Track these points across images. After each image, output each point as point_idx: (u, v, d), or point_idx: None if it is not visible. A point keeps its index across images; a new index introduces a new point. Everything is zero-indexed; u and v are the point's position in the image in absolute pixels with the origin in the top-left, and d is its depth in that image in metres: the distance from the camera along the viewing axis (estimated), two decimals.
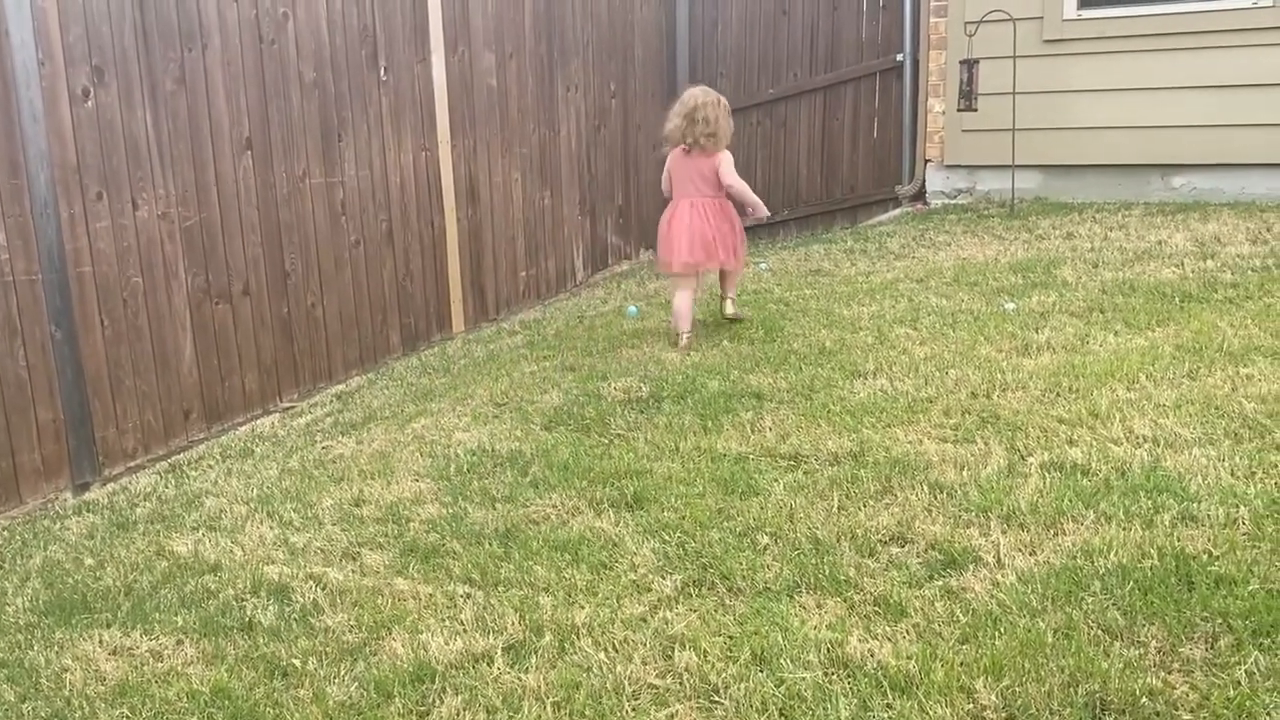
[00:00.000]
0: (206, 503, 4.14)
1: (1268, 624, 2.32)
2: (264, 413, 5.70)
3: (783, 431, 3.79)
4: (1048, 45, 7.42)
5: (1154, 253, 5.70)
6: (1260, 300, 4.62)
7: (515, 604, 2.86)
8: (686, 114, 5.07)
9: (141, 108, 5.00)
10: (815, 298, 5.70)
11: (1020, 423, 3.56)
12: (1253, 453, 3.14)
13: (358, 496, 3.80)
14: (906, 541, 2.93)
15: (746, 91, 9.07)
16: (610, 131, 8.54)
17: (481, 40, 7.09)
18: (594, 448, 3.89)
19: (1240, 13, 6.88)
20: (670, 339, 5.22)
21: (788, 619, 2.62)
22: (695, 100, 5.08)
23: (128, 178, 4.97)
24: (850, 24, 8.52)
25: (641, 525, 3.22)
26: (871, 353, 4.51)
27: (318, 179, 5.96)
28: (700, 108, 5.04)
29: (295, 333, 5.90)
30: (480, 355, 6.04)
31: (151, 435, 5.19)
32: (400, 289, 6.61)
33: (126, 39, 4.91)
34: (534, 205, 7.74)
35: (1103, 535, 2.78)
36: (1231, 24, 6.90)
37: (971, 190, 8.01)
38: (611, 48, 8.46)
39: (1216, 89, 7.00)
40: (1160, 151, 7.24)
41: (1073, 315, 4.72)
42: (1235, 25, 6.89)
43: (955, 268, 5.92)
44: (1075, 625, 2.43)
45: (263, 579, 3.27)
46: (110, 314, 4.94)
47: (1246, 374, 3.73)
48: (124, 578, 3.53)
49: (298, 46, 5.77)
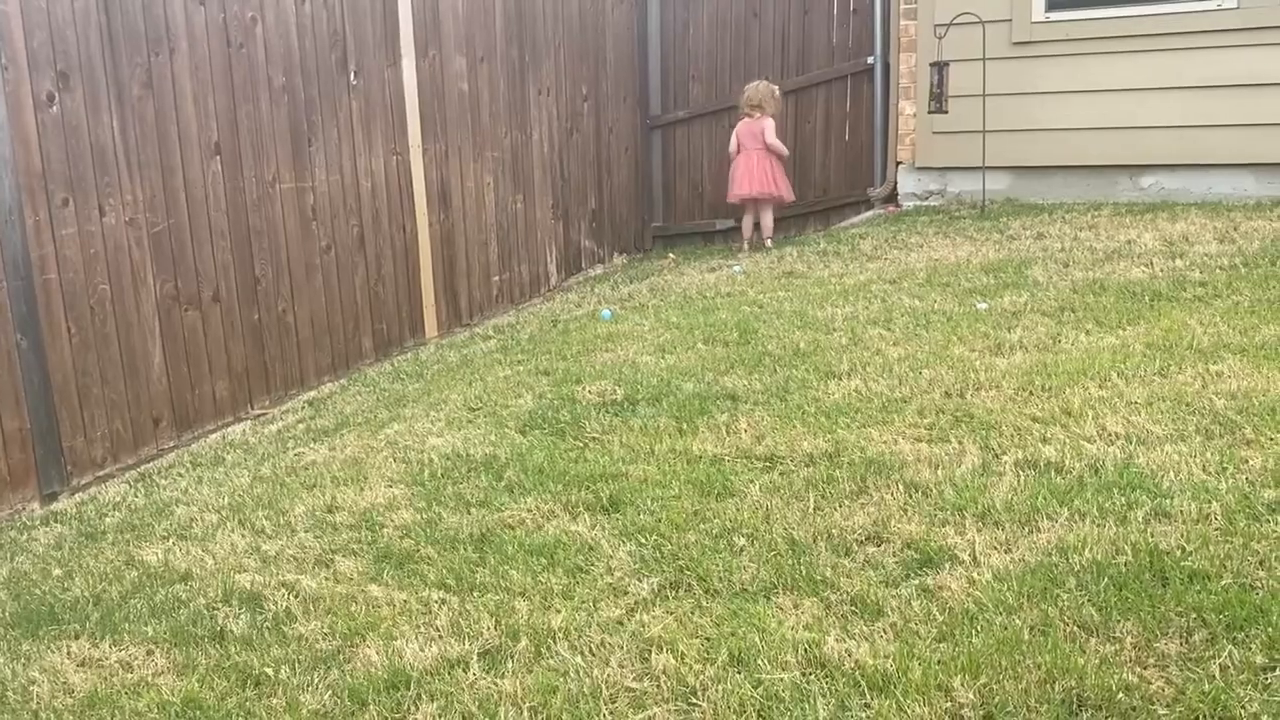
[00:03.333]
0: (177, 511, 4.09)
1: (1240, 618, 2.33)
2: (235, 420, 5.65)
3: (758, 433, 3.78)
4: (1017, 47, 7.47)
5: (1124, 252, 5.75)
6: (1228, 298, 4.67)
7: (491, 609, 2.84)
8: (745, 97, 7.98)
9: (108, 113, 4.94)
10: (789, 299, 5.70)
11: (994, 421, 3.57)
12: (1223, 448, 3.16)
13: (330, 503, 3.76)
14: (883, 541, 2.93)
15: (719, 95, 9.08)
16: (583, 135, 8.53)
17: (452, 44, 7.06)
18: (569, 451, 3.88)
19: (1205, 15, 6.96)
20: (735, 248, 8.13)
21: (765, 620, 2.61)
22: (749, 87, 8.02)
23: (94, 184, 4.91)
24: (821, 27, 8.55)
25: (617, 528, 3.21)
26: (846, 354, 4.52)
27: (288, 184, 5.92)
28: (751, 91, 7.95)
29: (266, 339, 5.85)
30: (454, 360, 6.01)
31: (120, 444, 5.12)
32: (372, 294, 6.57)
33: (92, 44, 4.85)
34: (507, 209, 7.72)
35: (1077, 532, 2.79)
36: (1197, 26, 6.97)
37: (943, 192, 8.05)
38: (583, 51, 8.45)
39: (1183, 90, 7.07)
40: (1129, 152, 7.30)
41: (1044, 315, 4.75)
42: (1201, 27, 6.96)
43: (928, 269, 5.95)
44: (1051, 622, 2.43)
45: (234, 587, 3.23)
46: (77, 322, 4.88)
47: (1216, 371, 3.76)
48: (93, 588, 3.48)
49: (266, 51, 5.73)
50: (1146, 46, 7.13)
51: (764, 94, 7.89)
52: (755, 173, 7.90)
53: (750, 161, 7.92)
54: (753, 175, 7.91)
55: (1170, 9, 7.06)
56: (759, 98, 7.88)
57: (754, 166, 7.91)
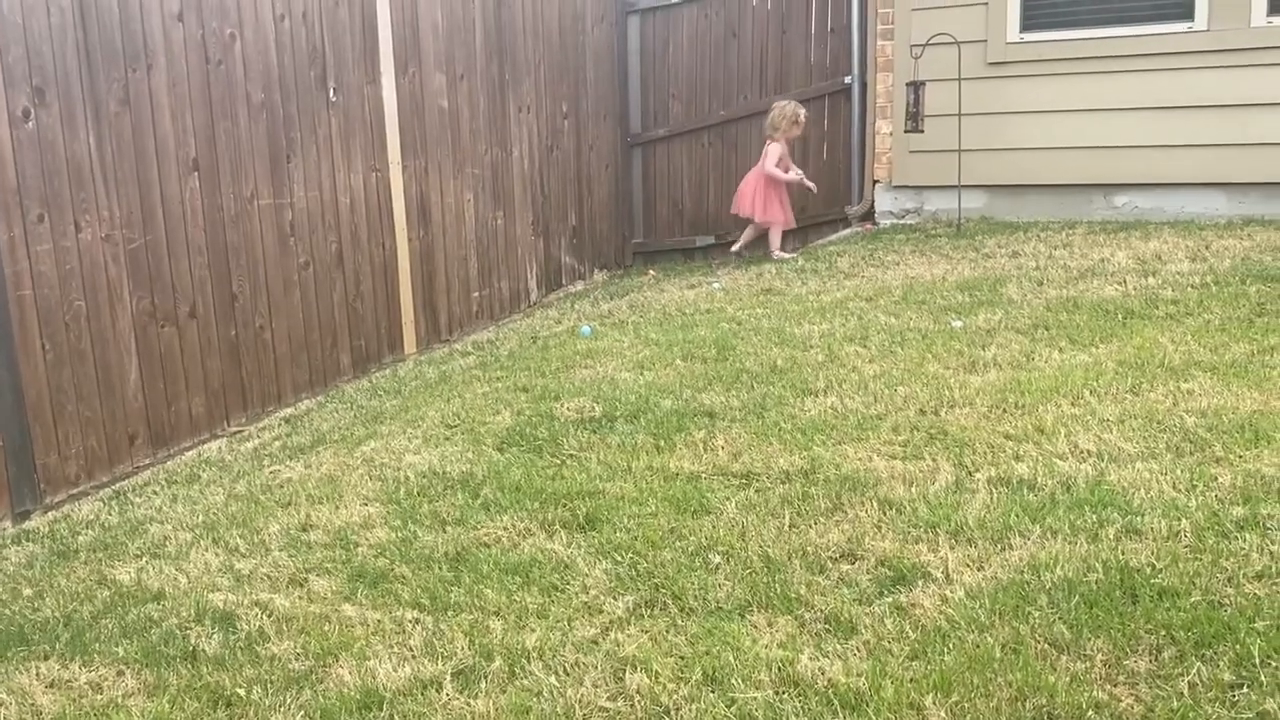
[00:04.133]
0: (150, 530, 4.06)
1: (1209, 635, 2.36)
2: (211, 437, 5.62)
3: (735, 450, 3.80)
4: (992, 68, 7.55)
5: (1097, 270, 5.80)
6: (1200, 316, 4.72)
7: (465, 628, 2.84)
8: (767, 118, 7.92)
9: (85, 129, 4.93)
10: (767, 316, 5.73)
11: (968, 439, 3.60)
12: (1193, 466, 3.20)
13: (305, 521, 3.74)
14: (857, 558, 2.94)
15: (698, 113, 9.13)
16: (563, 152, 8.56)
17: (432, 61, 7.08)
18: (546, 468, 3.88)
19: (1177, 36, 7.05)
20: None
21: (739, 638, 2.62)
22: (773, 107, 7.89)
23: (70, 200, 4.88)
24: (799, 47, 8.62)
25: (593, 546, 3.21)
26: (822, 370, 4.54)
27: (266, 200, 5.91)
28: (773, 112, 7.85)
29: (243, 355, 5.83)
30: (432, 376, 6.00)
31: (95, 461, 5.08)
32: (351, 310, 6.55)
33: (69, 59, 4.84)
34: (487, 226, 7.73)
35: (1049, 550, 2.81)
36: (1168, 47, 7.07)
37: (919, 210, 8.11)
38: (563, 69, 8.48)
39: (1155, 110, 7.16)
40: (1102, 171, 7.39)
41: (1018, 332, 4.79)
42: (1172, 49, 7.06)
43: (904, 286, 5.99)
44: (1023, 640, 2.45)
45: (207, 607, 3.21)
46: (52, 338, 4.85)
47: (1187, 389, 3.80)
48: (63, 608, 3.45)
49: (245, 67, 5.72)
50: (1120, 67, 7.22)
51: (776, 117, 7.82)
52: (746, 194, 8.00)
53: (748, 182, 8.03)
54: (744, 197, 8.02)
55: (1143, 30, 7.15)
56: (773, 121, 7.85)
57: (747, 188, 8.00)
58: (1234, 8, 6.87)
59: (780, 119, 7.79)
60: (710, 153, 9.17)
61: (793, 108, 7.83)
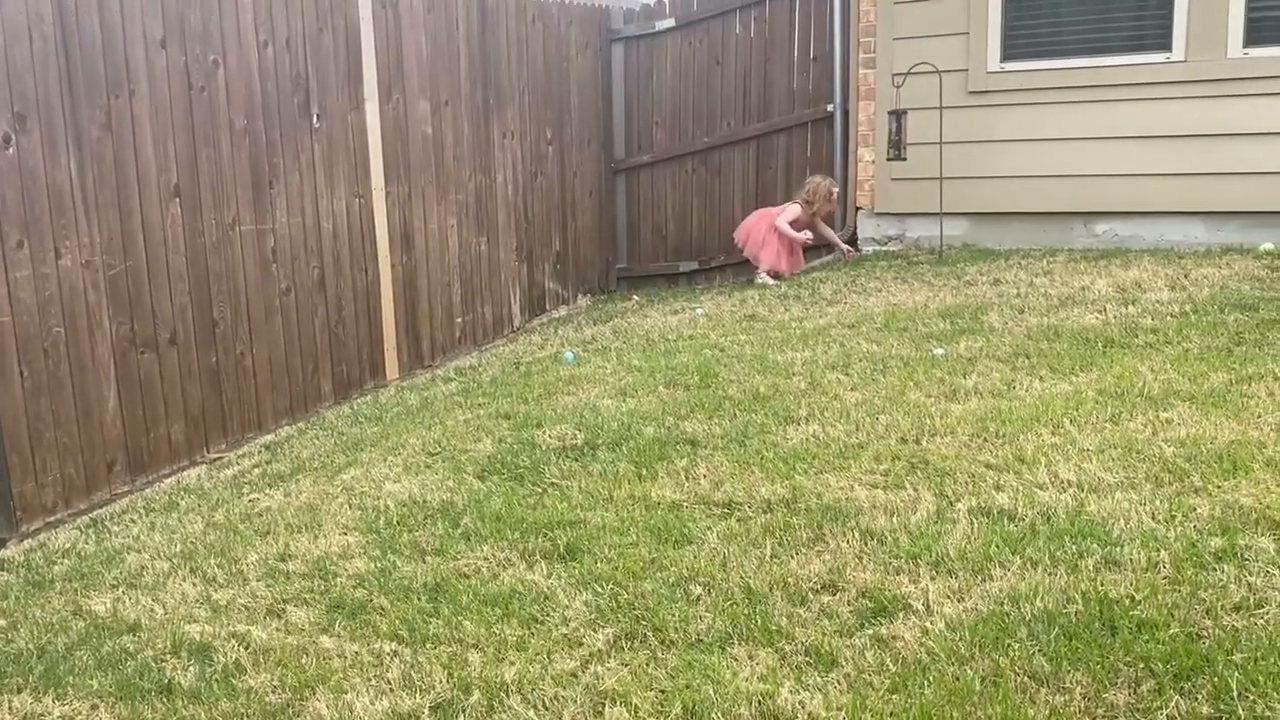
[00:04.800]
0: (128, 559, 4.02)
1: (1188, 668, 2.36)
2: (191, 464, 5.57)
3: (717, 479, 3.79)
4: (973, 96, 7.62)
5: (1077, 299, 5.84)
6: (1179, 345, 4.75)
7: (443, 661, 2.81)
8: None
9: (66, 155, 4.91)
10: (750, 343, 5.74)
11: (949, 468, 3.60)
12: (1172, 496, 3.21)
13: (284, 551, 3.71)
14: (838, 590, 2.94)
15: (682, 140, 9.18)
16: (547, 178, 8.58)
17: (416, 88, 7.09)
18: (527, 497, 3.86)
19: (1155, 67, 7.14)
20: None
21: (720, 671, 2.60)
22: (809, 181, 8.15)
23: (50, 226, 4.86)
24: (782, 75, 8.68)
25: (574, 577, 3.19)
26: (804, 398, 4.55)
27: (248, 226, 5.89)
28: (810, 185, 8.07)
29: (223, 382, 5.79)
30: (414, 403, 5.98)
31: (72, 489, 5.03)
32: (333, 336, 6.53)
33: (51, 86, 4.83)
34: (470, 251, 7.73)
35: (1029, 581, 2.81)
36: (1147, 78, 7.15)
37: (901, 237, 8.16)
38: (548, 95, 8.51)
39: (1134, 139, 7.24)
40: (1083, 199, 7.45)
41: (999, 360, 4.81)
42: (1151, 79, 7.14)
43: (886, 314, 6.02)
44: (1003, 672, 2.45)
45: (184, 638, 3.18)
46: (30, 365, 4.81)
47: (1166, 418, 3.82)
48: (38, 639, 3.41)
49: (228, 94, 5.72)
50: (1098, 97, 7.30)
51: (811, 192, 7.99)
52: (753, 230, 8.15)
53: (757, 222, 8.17)
54: (749, 230, 8.18)
55: (1121, 61, 7.24)
56: (807, 195, 8.01)
57: (755, 223, 8.17)
58: (1211, 39, 6.97)
59: (815, 195, 7.97)
60: (694, 179, 9.22)
61: (827, 185, 7.99)
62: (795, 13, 8.56)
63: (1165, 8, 7.10)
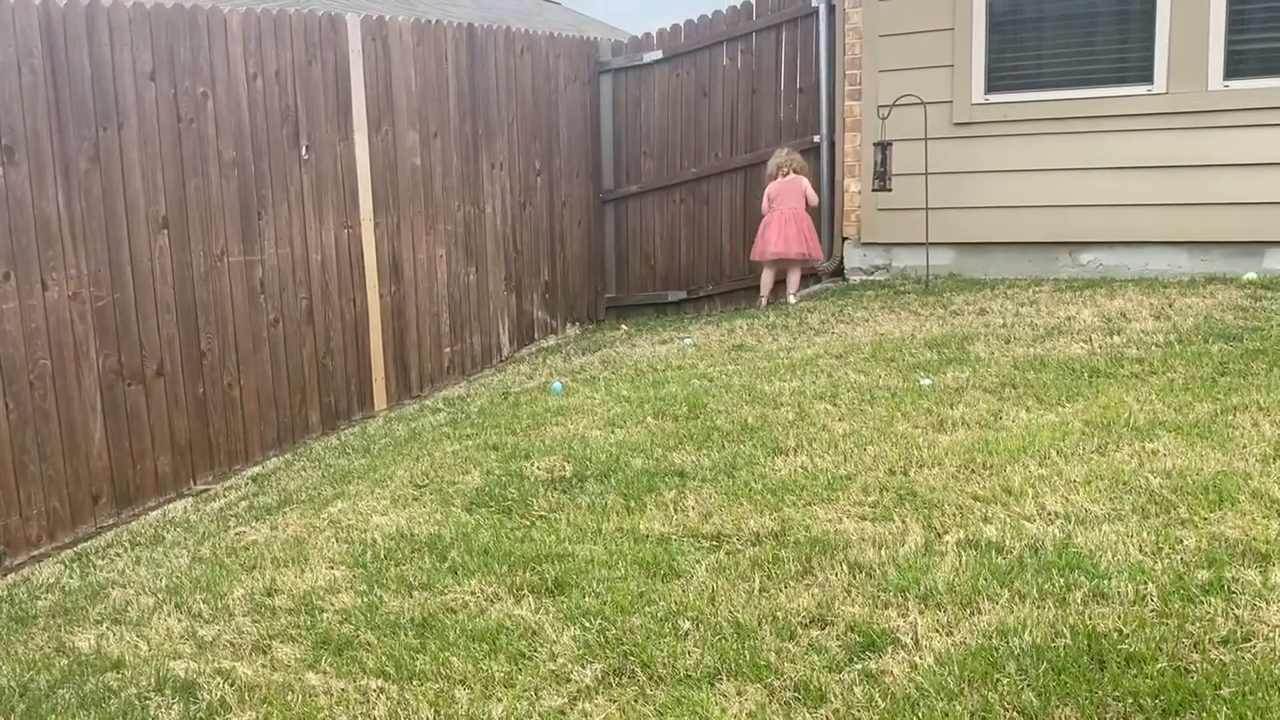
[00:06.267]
0: (112, 594, 3.99)
1: (1175, 703, 2.36)
2: (177, 496, 5.55)
3: (705, 511, 3.79)
4: (958, 128, 7.69)
5: (1064, 329, 5.87)
6: (1164, 375, 4.78)
7: (430, 698, 2.79)
8: (775, 164, 8.14)
9: (54, 186, 4.92)
10: (738, 373, 5.75)
11: (937, 500, 3.61)
12: (1159, 528, 3.21)
13: (270, 586, 3.69)
14: (826, 624, 2.93)
15: (670, 170, 9.24)
16: (536, 208, 8.61)
17: (405, 120, 7.13)
18: (515, 530, 3.85)
19: (1137, 99, 7.22)
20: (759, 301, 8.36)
21: (708, 707, 2.59)
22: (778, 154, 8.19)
23: (37, 258, 4.86)
24: (769, 107, 8.75)
25: (562, 611, 3.18)
26: (792, 429, 4.55)
27: (236, 257, 5.89)
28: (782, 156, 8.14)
29: (211, 413, 5.77)
30: (402, 434, 5.97)
31: (57, 522, 5.00)
32: (321, 367, 6.52)
33: (39, 117, 4.84)
34: (459, 281, 7.74)
35: (1017, 614, 2.81)
36: (1129, 109, 7.23)
37: (888, 267, 8.20)
38: (536, 127, 8.56)
39: (1118, 170, 7.31)
40: (1068, 229, 7.51)
41: (986, 391, 4.83)
42: (1132, 110, 7.22)
43: (873, 343, 6.04)
44: (991, 708, 2.44)
45: (168, 675, 3.15)
46: (16, 397, 4.79)
47: (1152, 449, 3.84)
48: (19, 677, 3.38)
49: (217, 125, 5.74)
50: (1082, 128, 7.37)
51: (787, 159, 8.09)
52: (791, 233, 7.97)
53: (785, 220, 7.98)
54: (788, 236, 7.97)
55: (1103, 93, 7.32)
56: (792, 162, 8.06)
57: (788, 226, 7.97)
58: (1191, 72, 7.05)
59: (791, 159, 8.11)
60: (682, 209, 9.26)
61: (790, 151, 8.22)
62: (782, 45, 8.64)
63: (1147, 41, 7.19)
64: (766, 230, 8.09)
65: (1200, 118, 7.05)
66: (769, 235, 8.05)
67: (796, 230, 7.96)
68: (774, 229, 8.01)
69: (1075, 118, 7.38)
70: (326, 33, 6.44)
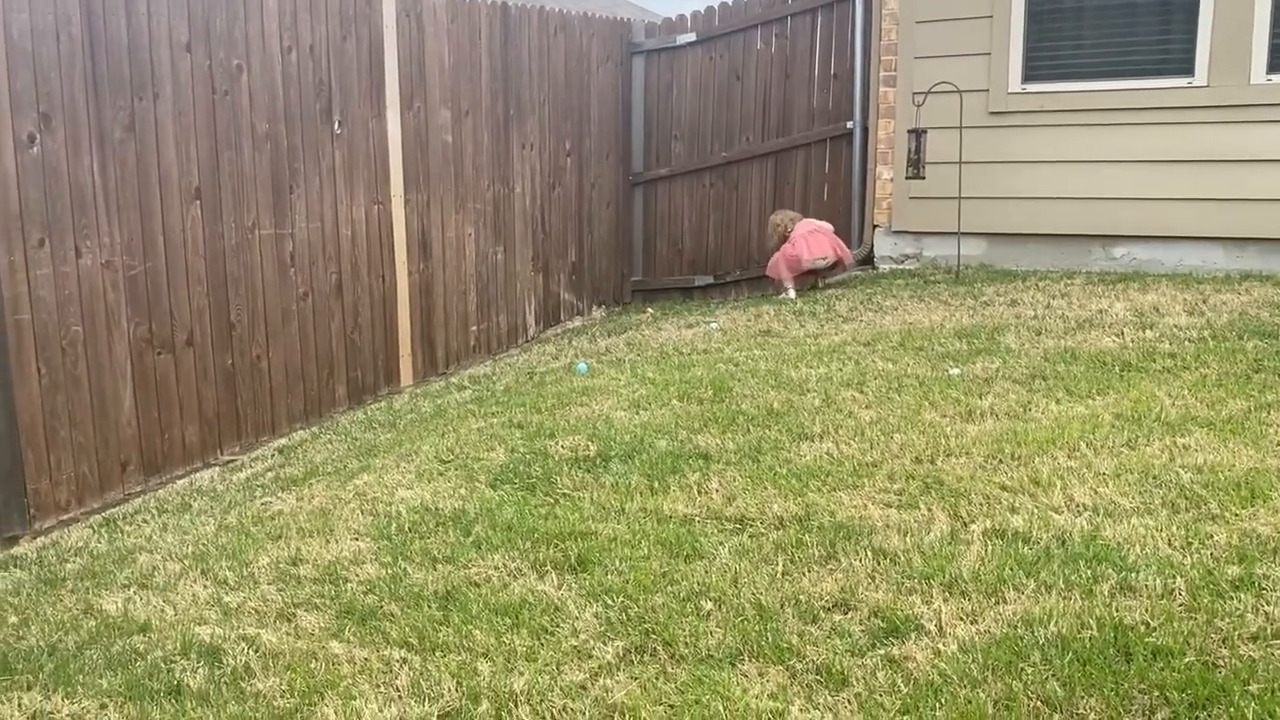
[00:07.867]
0: (139, 559, 4.03)
1: (1203, 697, 2.33)
2: (204, 466, 5.59)
3: (729, 493, 3.78)
4: (993, 117, 7.61)
5: (1095, 321, 5.81)
6: (1196, 371, 4.72)
7: (453, 670, 2.81)
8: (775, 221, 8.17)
9: (89, 155, 4.95)
10: (764, 359, 5.73)
11: (963, 489, 3.59)
12: (1189, 523, 3.18)
13: (295, 555, 3.72)
14: (850, 609, 2.92)
15: (700, 154, 9.19)
16: (565, 189, 8.60)
17: (438, 97, 7.13)
18: (539, 507, 3.86)
19: (1177, 91, 7.12)
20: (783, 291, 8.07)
21: (729, 688, 2.59)
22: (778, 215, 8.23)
23: (72, 225, 4.89)
24: (802, 92, 8.69)
25: (584, 589, 3.18)
26: (818, 415, 4.53)
27: (267, 230, 5.92)
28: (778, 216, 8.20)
29: (239, 385, 5.81)
30: (428, 410, 5.99)
31: (86, 488, 5.05)
32: (348, 342, 6.55)
33: (76, 87, 4.87)
34: (487, 260, 7.75)
35: (1043, 604, 2.79)
36: (1168, 102, 7.13)
37: (918, 256, 8.14)
38: (567, 108, 8.54)
39: (1155, 163, 7.22)
40: (1101, 222, 7.42)
41: (1016, 382, 4.79)
42: (1172, 103, 7.12)
43: (901, 332, 6.00)
44: (1015, 697, 2.43)
45: (193, 640, 3.18)
46: (48, 363, 4.84)
47: (1183, 444, 3.80)
48: (48, 637, 3.42)
49: (251, 98, 5.76)
50: (1120, 120, 7.28)
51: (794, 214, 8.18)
52: (822, 240, 7.83)
53: (810, 231, 7.87)
54: (820, 243, 7.82)
55: (1143, 85, 7.22)
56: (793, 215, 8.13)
57: (815, 235, 7.84)
58: (1234, 65, 6.94)
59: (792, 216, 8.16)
60: (711, 193, 9.22)
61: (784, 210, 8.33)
62: (817, 30, 8.57)
63: (1189, 33, 7.08)
64: (794, 245, 7.87)
65: (1241, 111, 6.94)
66: (798, 247, 7.83)
67: (827, 238, 7.86)
68: (802, 243, 7.83)
69: (1113, 109, 7.28)
70: (361, 8, 6.45)
